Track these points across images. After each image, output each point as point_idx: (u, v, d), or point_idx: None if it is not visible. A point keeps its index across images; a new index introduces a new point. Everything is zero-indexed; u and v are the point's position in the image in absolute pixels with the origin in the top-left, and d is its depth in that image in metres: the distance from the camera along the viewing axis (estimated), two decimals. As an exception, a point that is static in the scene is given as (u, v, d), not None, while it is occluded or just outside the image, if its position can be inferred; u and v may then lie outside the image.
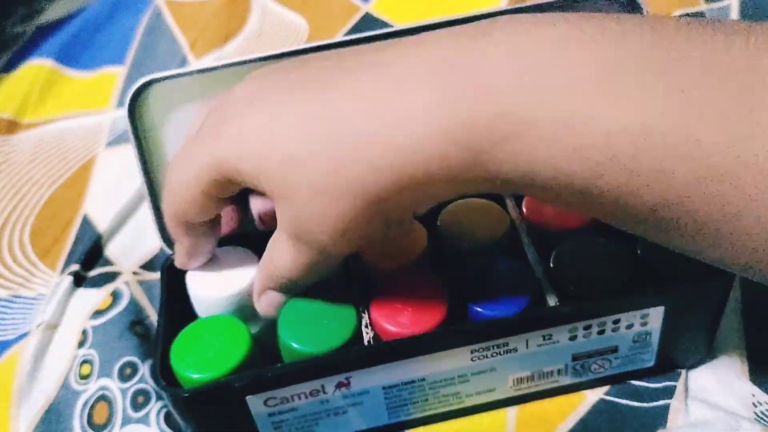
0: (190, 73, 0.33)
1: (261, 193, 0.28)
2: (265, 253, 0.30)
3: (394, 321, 0.31)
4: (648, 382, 0.34)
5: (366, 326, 0.31)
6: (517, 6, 0.33)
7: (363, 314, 0.32)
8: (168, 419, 0.35)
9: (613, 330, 0.31)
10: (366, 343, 0.31)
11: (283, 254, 0.28)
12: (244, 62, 0.33)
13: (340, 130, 0.24)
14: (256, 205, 0.34)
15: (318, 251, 0.27)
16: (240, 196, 0.30)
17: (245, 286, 0.33)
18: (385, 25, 0.60)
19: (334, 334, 0.30)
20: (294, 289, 0.31)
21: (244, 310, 0.33)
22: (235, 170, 0.26)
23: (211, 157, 0.27)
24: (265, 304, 0.31)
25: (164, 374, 0.30)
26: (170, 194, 0.29)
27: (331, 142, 0.24)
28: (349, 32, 0.60)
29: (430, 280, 0.32)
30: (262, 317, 0.33)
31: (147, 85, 0.33)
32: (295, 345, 0.30)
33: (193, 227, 0.31)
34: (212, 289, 0.33)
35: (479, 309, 0.31)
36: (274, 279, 0.30)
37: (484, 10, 0.32)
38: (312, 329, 0.31)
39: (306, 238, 0.27)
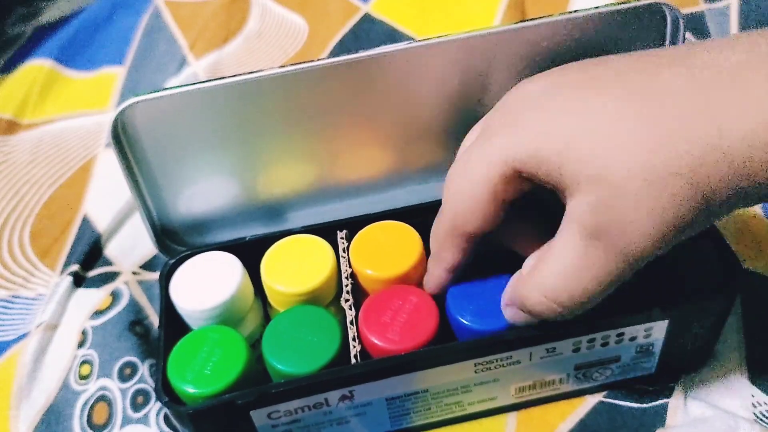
0: (177, 93, 0.32)
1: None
2: (531, 264, 0.28)
3: (382, 336, 0.30)
4: (647, 384, 0.34)
5: (354, 339, 0.31)
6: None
7: (351, 327, 0.32)
8: (168, 420, 0.35)
9: (617, 342, 0.31)
10: (353, 357, 0.31)
11: (566, 258, 0.25)
12: (230, 82, 0.32)
13: (667, 107, 0.23)
14: None
15: (621, 254, 0.24)
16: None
17: (229, 296, 0.32)
18: (385, 25, 0.60)
19: (320, 351, 0.30)
20: (564, 312, 0.27)
21: (231, 318, 0.33)
22: (532, 160, 0.25)
23: (503, 150, 0.25)
24: (512, 318, 0.29)
25: (166, 388, 0.30)
26: (451, 203, 0.28)
27: (656, 120, 0.23)
28: (349, 33, 0.60)
29: (422, 294, 0.32)
30: (254, 326, 0.33)
31: (131, 105, 0.32)
32: (281, 367, 0.30)
33: (469, 241, 0.29)
34: (195, 301, 0.32)
35: (466, 323, 0.31)
36: (533, 295, 0.27)
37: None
38: (297, 349, 0.30)
39: (612, 236, 0.24)
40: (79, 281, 0.43)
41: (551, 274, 0.26)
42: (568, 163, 0.24)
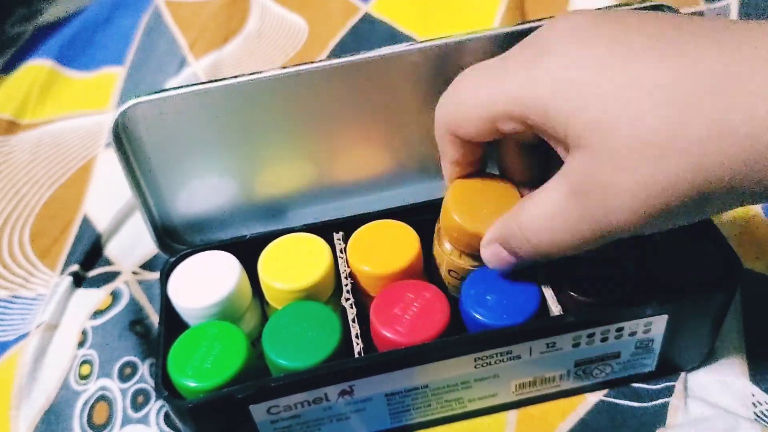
0: (177, 94, 0.32)
1: None
2: (519, 204, 0.28)
3: (392, 329, 0.30)
4: (648, 383, 0.34)
5: (356, 336, 0.31)
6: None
7: (354, 325, 0.32)
8: (168, 419, 0.35)
9: (616, 337, 0.31)
10: (356, 354, 0.31)
11: (548, 206, 0.26)
12: (230, 83, 0.32)
13: (695, 97, 0.22)
14: None
15: (596, 222, 0.24)
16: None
17: (226, 294, 0.32)
18: (385, 25, 0.60)
19: (320, 346, 0.30)
20: (526, 261, 0.29)
21: (228, 317, 0.33)
22: (539, 110, 0.25)
23: (519, 88, 0.25)
24: (491, 255, 0.30)
25: (166, 383, 0.30)
26: (453, 104, 0.28)
27: (679, 107, 0.22)
28: (349, 33, 0.60)
29: (436, 291, 0.32)
30: (251, 328, 0.33)
31: (132, 106, 0.32)
32: (281, 361, 0.30)
33: (463, 142, 0.29)
34: (193, 299, 0.33)
35: (481, 318, 0.31)
36: (516, 232, 0.28)
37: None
38: (297, 343, 0.30)
39: (592, 200, 0.24)
40: (79, 281, 0.43)
41: (531, 216, 0.27)
42: (575, 124, 0.24)
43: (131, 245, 0.46)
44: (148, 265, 0.44)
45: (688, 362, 0.34)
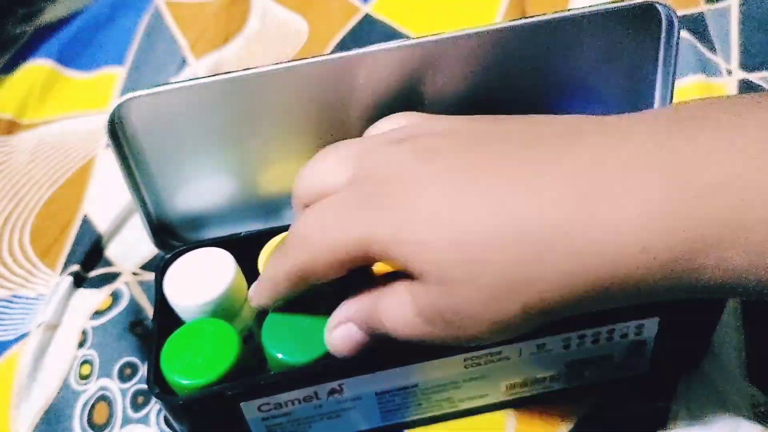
0: (173, 89, 0.32)
1: None
2: (372, 293, 0.27)
3: None
4: (645, 385, 0.34)
5: None
6: None
7: None
8: (168, 420, 0.35)
9: (608, 339, 0.31)
10: None
11: (399, 314, 0.26)
12: (226, 78, 0.32)
13: (530, 227, 0.22)
14: None
15: (452, 336, 0.25)
16: None
17: (222, 291, 0.32)
18: (386, 26, 0.60)
19: (320, 341, 0.30)
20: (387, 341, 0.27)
21: (224, 313, 0.33)
22: (387, 251, 0.25)
23: (366, 232, 0.25)
24: (342, 338, 0.28)
25: (158, 380, 0.30)
26: (304, 251, 0.27)
27: (516, 242, 0.22)
28: (349, 33, 0.60)
29: None
30: (251, 322, 0.33)
31: (128, 100, 0.32)
32: (280, 356, 0.30)
33: (305, 283, 0.28)
34: (189, 295, 0.33)
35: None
36: (371, 324, 0.27)
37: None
38: (296, 338, 0.30)
39: (445, 324, 0.25)
40: (79, 281, 0.43)
41: (389, 320, 0.26)
42: (420, 263, 0.24)
43: (132, 246, 0.46)
44: (148, 266, 0.44)
45: (685, 363, 0.34)
